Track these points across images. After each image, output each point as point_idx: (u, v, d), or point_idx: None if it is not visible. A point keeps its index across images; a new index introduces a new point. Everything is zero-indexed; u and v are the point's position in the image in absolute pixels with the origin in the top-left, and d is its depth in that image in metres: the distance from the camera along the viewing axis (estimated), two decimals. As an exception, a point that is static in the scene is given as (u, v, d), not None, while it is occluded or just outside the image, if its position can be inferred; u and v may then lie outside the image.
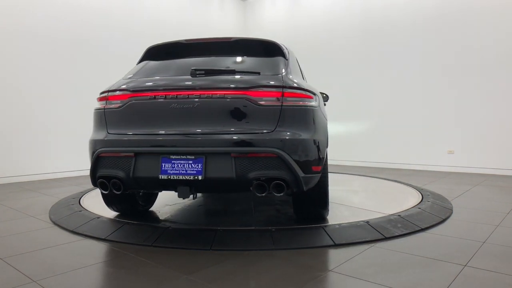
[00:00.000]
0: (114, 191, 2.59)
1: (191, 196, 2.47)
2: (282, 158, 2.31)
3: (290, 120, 2.42)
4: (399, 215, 3.06)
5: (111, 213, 3.38)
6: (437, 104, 6.81)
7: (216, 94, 2.44)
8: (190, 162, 2.41)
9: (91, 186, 3.05)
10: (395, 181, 5.10)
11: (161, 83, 2.62)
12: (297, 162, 2.36)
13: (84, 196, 4.11)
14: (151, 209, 3.57)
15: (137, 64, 3.13)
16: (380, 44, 7.48)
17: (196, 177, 2.37)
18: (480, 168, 6.38)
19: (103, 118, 2.69)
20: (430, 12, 6.84)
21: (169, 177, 2.41)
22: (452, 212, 3.44)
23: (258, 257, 2.33)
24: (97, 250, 2.54)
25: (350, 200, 3.79)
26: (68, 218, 3.23)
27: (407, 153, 7.16)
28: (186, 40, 3.03)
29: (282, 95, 2.42)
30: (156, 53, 3.13)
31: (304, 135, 2.43)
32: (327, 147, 2.81)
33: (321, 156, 2.56)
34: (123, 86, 2.69)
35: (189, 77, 2.57)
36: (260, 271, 2.11)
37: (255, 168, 2.34)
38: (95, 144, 2.63)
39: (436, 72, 6.80)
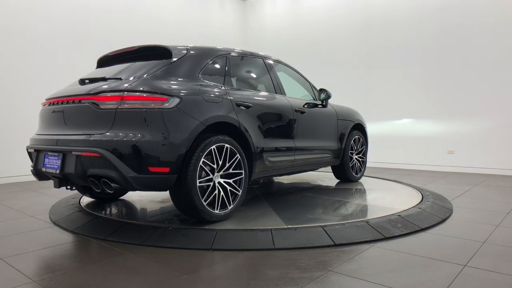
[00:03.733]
0: (38, 180, 3.18)
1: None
2: (105, 157, 2.51)
3: (125, 122, 2.58)
4: (399, 215, 3.06)
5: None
6: (437, 104, 6.81)
7: (74, 100, 2.83)
8: (55, 158, 2.86)
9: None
10: (395, 181, 5.10)
11: (56, 93, 3.15)
12: (125, 162, 2.52)
13: (84, 196, 4.10)
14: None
15: None
16: (380, 43, 7.49)
17: (56, 171, 2.82)
18: (480, 168, 6.39)
19: None
20: (431, 11, 6.85)
21: (46, 169, 2.94)
22: (452, 212, 3.44)
23: (258, 257, 2.33)
24: (97, 250, 2.54)
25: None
26: (68, 218, 3.23)
27: (407, 153, 7.16)
28: (110, 52, 3.47)
29: (122, 99, 2.59)
30: (100, 63, 3.61)
31: (138, 137, 2.54)
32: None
33: (164, 158, 2.59)
34: (47, 95, 3.26)
35: (78, 85, 2.98)
36: (260, 271, 2.11)
37: (89, 166, 2.62)
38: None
39: (436, 71, 6.80)
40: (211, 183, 2.86)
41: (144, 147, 2.54)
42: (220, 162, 2.92)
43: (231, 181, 3.01)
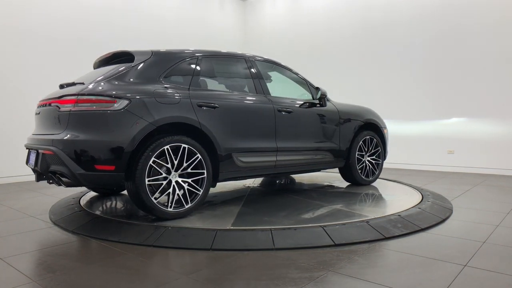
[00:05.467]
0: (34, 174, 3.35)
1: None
2: (57, 155, 2.77)
3: (77, 123, 2.81)
4: (399, 215, 3.06)
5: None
6: (437, 104, 6.81)
7: (47, 104, 3.09)
8: (33, 155, 3.13)
9: (91, 186, 3.38)
10: (395, 181, 5.09)
11: (44, 96, 3.35)
12: (73, 159, 2.74)
13: (84, 196, 4.11)
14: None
15: None
16: (380, 43, 7.49)
17: (33, 166, 3.12)
18: (480, 168, 6.39)
19: None
20: (430, 11, 6.84)
21: (29, 165, 3.26)
22: (452, 212, 3.44)
23: (258, 257, 2.33)
24: (97, 250, 2.54)
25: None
26: (68, 218, 3.24)
27: (407, 153, 7.16)
28: (98, 58, 3.71)
29: (76, 102, 2.83)
30: (94, 67, 3.83)
31: (85, 137, 2.76)
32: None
33: (109, 156, 2.76)
34: None
35: (57, 90, 3.19)
36: (260, 271, 2.11)
37: (49, 163, 2.88)
38: None
39: (436, 71, 6.80)
40: (164, 182, 2.96)
41: (90, 146, 2.75)
42: (176, 162, 2.99)
43: (189, 180, 3.06)
